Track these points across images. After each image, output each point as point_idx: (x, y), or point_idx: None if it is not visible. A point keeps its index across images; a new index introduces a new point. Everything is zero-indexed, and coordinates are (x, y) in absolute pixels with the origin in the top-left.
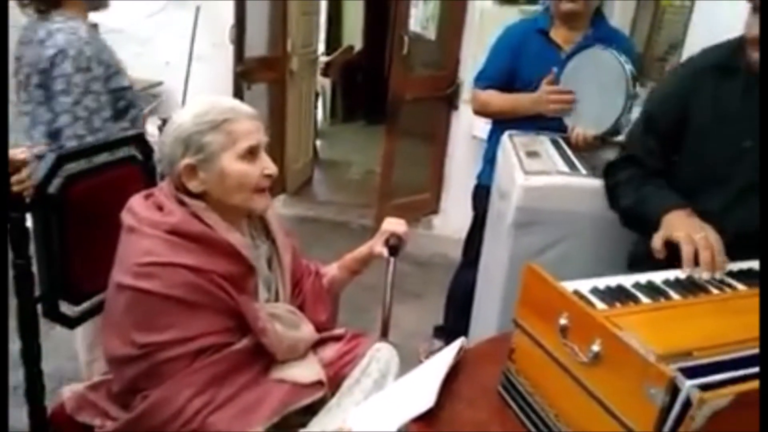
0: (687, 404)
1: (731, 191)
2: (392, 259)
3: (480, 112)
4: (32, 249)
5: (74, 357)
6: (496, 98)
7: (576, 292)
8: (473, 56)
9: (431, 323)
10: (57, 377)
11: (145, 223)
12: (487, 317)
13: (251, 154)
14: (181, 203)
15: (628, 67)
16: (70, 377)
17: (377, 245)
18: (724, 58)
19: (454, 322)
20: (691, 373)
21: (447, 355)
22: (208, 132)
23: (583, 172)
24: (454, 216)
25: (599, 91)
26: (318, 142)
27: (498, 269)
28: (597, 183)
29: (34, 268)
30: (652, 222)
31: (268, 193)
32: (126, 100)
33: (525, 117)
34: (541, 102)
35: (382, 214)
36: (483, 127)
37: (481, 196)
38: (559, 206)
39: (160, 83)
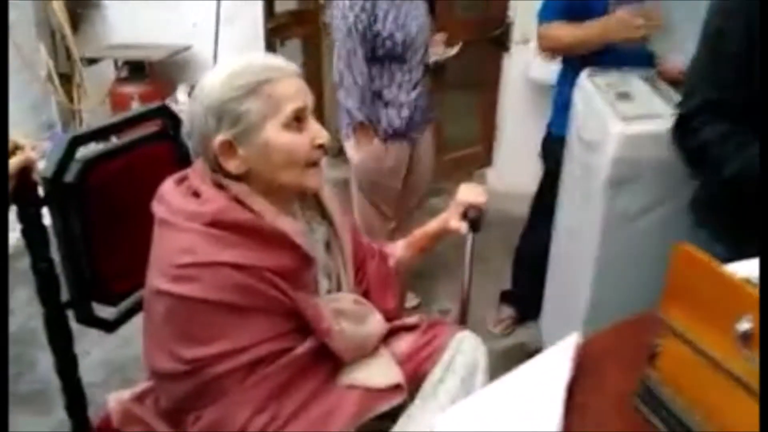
0: None
1: None
2: (471, 235)
3: (550, 50)
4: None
5: (124, 344)
6: (565, 30)
7: (749, 282)
8: None
9: (497, 288)
10: (107, 369)
11: (180, 215)
12: (572, 287)
13: (298, 120)
14: (220, 187)
15: None
16: (120, 366)
17: (453, 219)
18: None
19: (525, 287)
20: None
21: (560, 357)
22: (244, 98)
23: None
24: (509, 169)
25: (694, 13)
26: None
27: (588, 233)
28: None
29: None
30: None
31: (322, 165)
32: None
33: (601, 51)
34: (620, 26)
35: (434, 172)
36: (543, 67)
37: (554, 148)
38: (665, 157)
39: (188, 48)
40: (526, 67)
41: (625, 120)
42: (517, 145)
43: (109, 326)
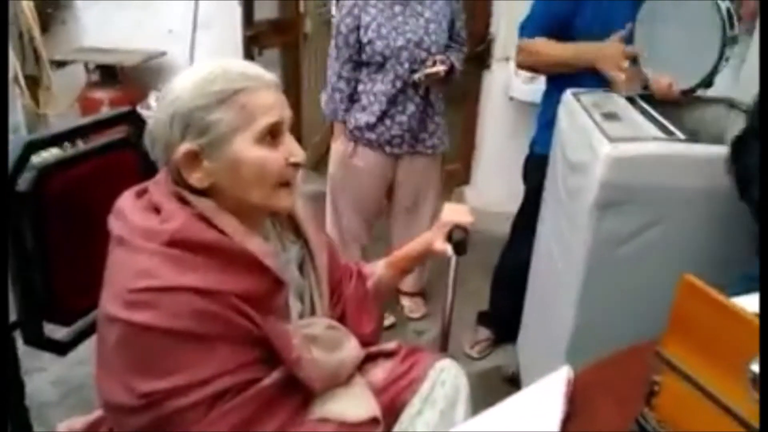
0: None
1: None
2: (455, 258)
3: (528, 65)
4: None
5: (84, 361)
6: (550, 47)
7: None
8: (508, 7)
9: (474, 309)
10: (63, 388)
11: (138, 233)
12: (554, 311)
13: (272, 135)
14: (184, 202)
15: (724, 3)
16: (78, 385)
17: (437, 240)
18: None
19: (503, 308)
20: None
21: (552, 392)
22: (214, 107)
23: (681, 136)
24: (487, 187)
25: (686, 35)
26: None
27: (573, 256)
28: (701, 150)
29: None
30: None
31: (296, 184)
32: None
33: (586, 72)
34: (611, 60)
35: None
36: (522, 87)
37: (537, 167)
38: (655, 180)
39: (163, 53)
40: (506, 84)
41: (613, 141)
42: (496, 163)
43: (61, 348)
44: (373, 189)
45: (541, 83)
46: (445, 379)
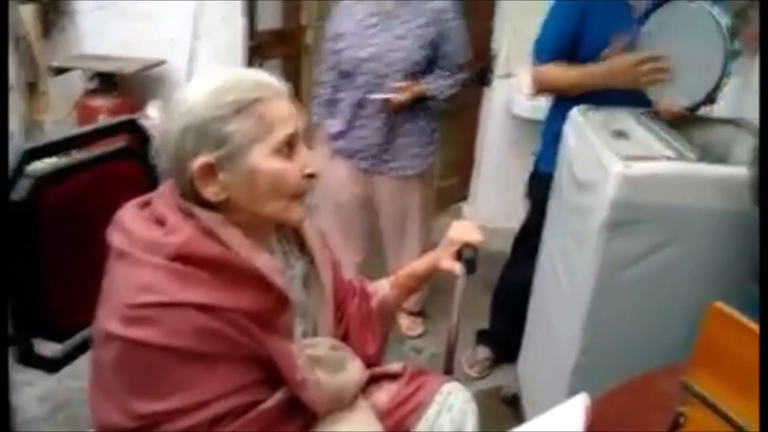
0: None
1: None
2: (463, 278)
3: (546, 90)
4: None
5: (73, 375)
6: (563, 73)
7: None
8: (510, 24)
9: (473, 327)
10: (51, 404)
11: (140, 246)
12: (559, 333)
13: (289, 146)
14: (189, 215)
15: (724, 20)
16: (67, 400)
17: (445, 259)
18: None
19: (503, 328)
20: None
21: (570, 423)
22: (231, 117)
23: (692, 156)
24: (485, 203)
25: (688, 52)
26: None
27: (580, 277)
28: (714, 170)
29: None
30: None
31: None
32: None
33: (594, 91)
34: (625, 74)
35: None
36: (525, 103)
37: (542, 185)
38: (667, 200)
39: (162, 62)
40: (508, 101)
41: (624, 160)
42: (496, 180)
43: (51, 366)
44: (351, 202)
45: (543, 100)
46: (453, 403)
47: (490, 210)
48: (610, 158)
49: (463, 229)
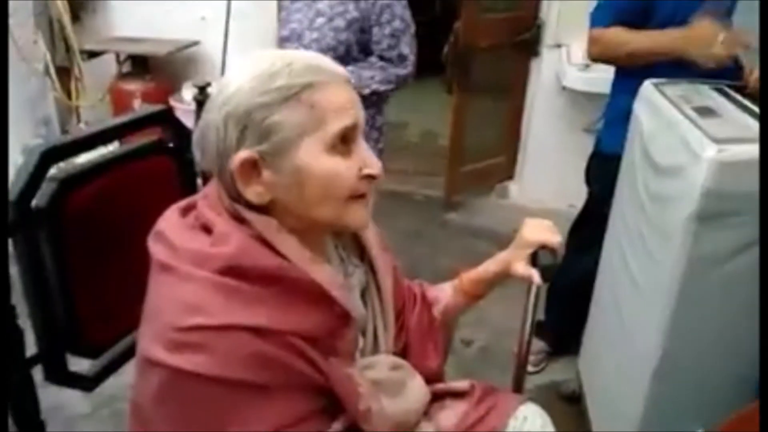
0: None
1: None
2: (538, 285)
3: (604, 57)
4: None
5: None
6: (629, 36)
7: None
8: None
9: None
10: (95, 399)
11: (186, 257)
12: (633, 334)
13: (344, 141)
14: (239, 220)
15: None
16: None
17: (518, 263)
18: None
19: (560, 320)
20: None
21: None
22: (277, 106)
23: None
24: (533, 182)
25: None
26: None
27: (662, 274)
28: None
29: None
30: None
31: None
32: None
33: (668, 61)
34: (703, 41)
35: (452, 183)
36: (577, 75)
37: (606, 168)
38: None
39: (196, 43)
40: (558, 73)
41: (718, 143)
42: (545, 158)
43: (87, 384)
44: None
45: (597, 71)
46: (530, 430)
47: (539, 190)
48: (700, 140)
49: (539, 229)
